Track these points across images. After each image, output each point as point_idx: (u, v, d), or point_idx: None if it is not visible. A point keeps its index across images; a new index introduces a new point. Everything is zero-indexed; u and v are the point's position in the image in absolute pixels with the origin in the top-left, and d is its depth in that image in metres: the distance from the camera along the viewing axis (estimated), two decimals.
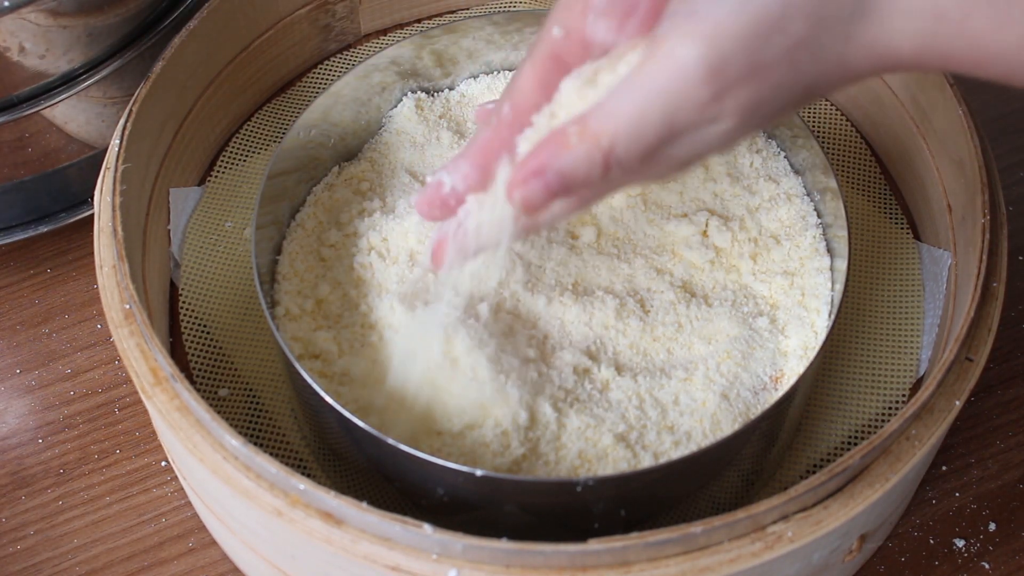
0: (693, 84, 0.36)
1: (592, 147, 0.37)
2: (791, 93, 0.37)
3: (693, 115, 0.36)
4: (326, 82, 0.67)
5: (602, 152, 0.37)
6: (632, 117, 0.36)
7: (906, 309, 0.58)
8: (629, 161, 0.37)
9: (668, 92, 0.36)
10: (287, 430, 0.54)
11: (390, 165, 0.59)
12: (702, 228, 0.55)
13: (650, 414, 0.49)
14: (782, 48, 0.36)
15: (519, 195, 0.38)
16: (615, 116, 0.37)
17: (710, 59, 0.35)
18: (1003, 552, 0.55)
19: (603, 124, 0.37)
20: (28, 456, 0.58)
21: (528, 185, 0.38)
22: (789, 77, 0.37)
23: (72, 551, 0.55)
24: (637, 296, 0.53)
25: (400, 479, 0.48)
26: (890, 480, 0.45)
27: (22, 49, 0.55)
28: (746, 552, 0.43)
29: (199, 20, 0.59)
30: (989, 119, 0.71)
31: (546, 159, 0.38)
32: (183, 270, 0.58)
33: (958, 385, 0.48)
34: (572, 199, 0.40)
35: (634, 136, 0.37)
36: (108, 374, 0.61)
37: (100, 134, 0.61)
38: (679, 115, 0.36)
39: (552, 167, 0.38)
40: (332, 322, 0.53)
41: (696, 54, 0.35)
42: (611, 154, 0.37)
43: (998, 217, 0.53)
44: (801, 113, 0.65)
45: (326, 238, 0.56)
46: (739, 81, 0.36)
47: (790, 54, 0.36)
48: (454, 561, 0.42)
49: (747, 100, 0.36)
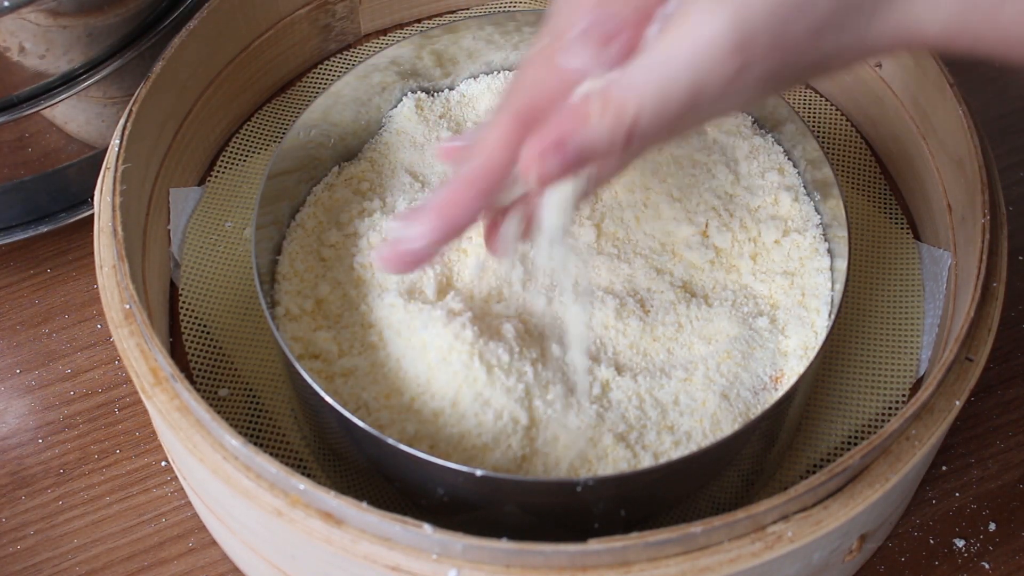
0: (720, 58, 0.35)
1: (615, 121, 0.36)
2: (809, 66, 0.37)
3: (717, 88, 0.36)
4: (326, 82, 0.67)
5: (625, 127, 0.36)
6: (657, 90, 0.36)
7: (906, 309, 0.58)
8: (651, 134, 0.37)
9: (694, 65, 0.36)
10: (287, 430, 0.54)
11: (390, 165, 0.59)
12: (702, 228, 0.55)
13: (650, 414, 0.49)
14: (807, 26, 0.36)
15: (536, 171, 0.37)
16: (639, 88, 0.36)
17: (738, 33, 0.35)
18: (1003, 552, 0.55)
19: (627, 97, 0.36)
20: (28, 456, 0.58)
21: (546, 160, 0.37)
22: (810, 53, 0.37)
23: (72, 551, 0.55)
24: (637, 296, 0.53)
25: (400, 479, 0.48)
26: (890, 480, 0.45)
27: (22, 49, 0.55)
28: (746, 552, 0.43)
29: (199, 20, 0.59)
30: (989, 119, 0.71)
31: (566, 133, 0.37)
32: (183, 270, 0.58)
33: (958, 385, 0.48)
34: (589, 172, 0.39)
35: (659, 110, 0.36)
36: (108, 374, 0.61)
37: (100, 134, 0.61)
38: (704, 88, 0.36)
39: (572, 142, 0.37)
40: (332, 322, 0.53)
41: (724, 28, 0.35)
42: (635, 127, 0.36)
43: (998, 217, 0.53)
44: (801, 113, 0.65)
45: (326, 238, 0.56)
46: (763, 56, 0.36)
47: (814, 32, 0.36)
48: (454, 561, 0.42)
49: (767, 73, 0.36)
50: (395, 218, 0.42)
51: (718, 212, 0.56)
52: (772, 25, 0.35)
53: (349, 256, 0.55)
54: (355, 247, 0.55)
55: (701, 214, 0.56)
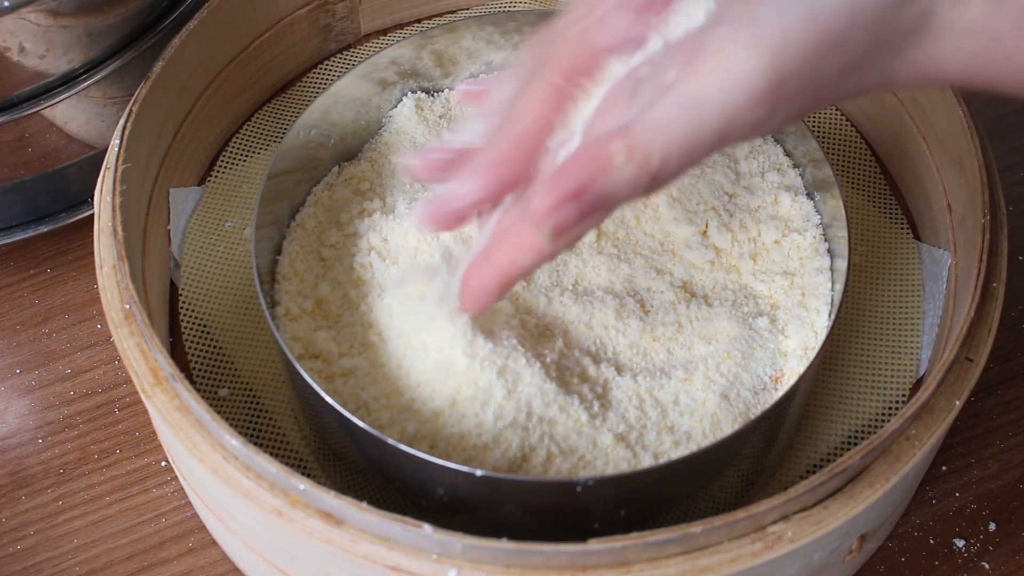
0: (752, 101, 0.34)
1: (640, 168, 0.34)
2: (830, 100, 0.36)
3: (745, 129, 0.35)
4: (326, 82, 0.67)
5: (651, 172, 0.34)
6: (686, 134, 0.34)
7: (906, 309, 0.58)
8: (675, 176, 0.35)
9: (725, 107, 0.34)
10: (287, 430, 0.54)
11: (390, 165, 0.59)
12: (702, 228, 0.55)
13: (650, 414, 0.49)
14: (839, 65, 0.34)
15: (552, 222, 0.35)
16: (666, 132, 0.34)
17: (772, 75, 0.33)
18: (1003, 552, 0.55)
19: (653, 140, 0.34)
20: (28, 456, 0.58)
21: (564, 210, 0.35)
22: (835, 90, 0.35)
23: (72, 551, 0.55)
24: (637, 296, 0.53)
25: (400, 479, 0.48)
26: (890, 480, 0.45)
27: (22, 49, 0.55)
28: (746, 552, 0.43)
29: (199, 20, 0.59)
30: (989, 119, 0.71)
31: (587, 181, 0.34)
32: (183, 270, 0.58)
33: (958, 385, 0.48)
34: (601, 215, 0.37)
35: (686, 154, 0.34)
36: (108, 374, 0.61)
37: (100, 134, 0.61)
38: (733, 130, 0.34)
39: (593, 191, 0.34)
40: (332, 322, 0.53)
41: (759, 69, 0.33)
42: (660, 172, 0.34)
43: (998, 217, 0.53)
44: None
45: (326, 238, 0.56)
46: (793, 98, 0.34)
47: (844, 71, 0.35)
48: (454, 561, 0.42)
49: (794, 112, 0.35)
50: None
51: (718, 212, 0.56)
52: (808, 64, 0.34)
53: (349, 256, 0.55)
54: (355, 247, 0.55)
55: (701, 214, 0.56)
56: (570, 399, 0.48)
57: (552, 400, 0.48)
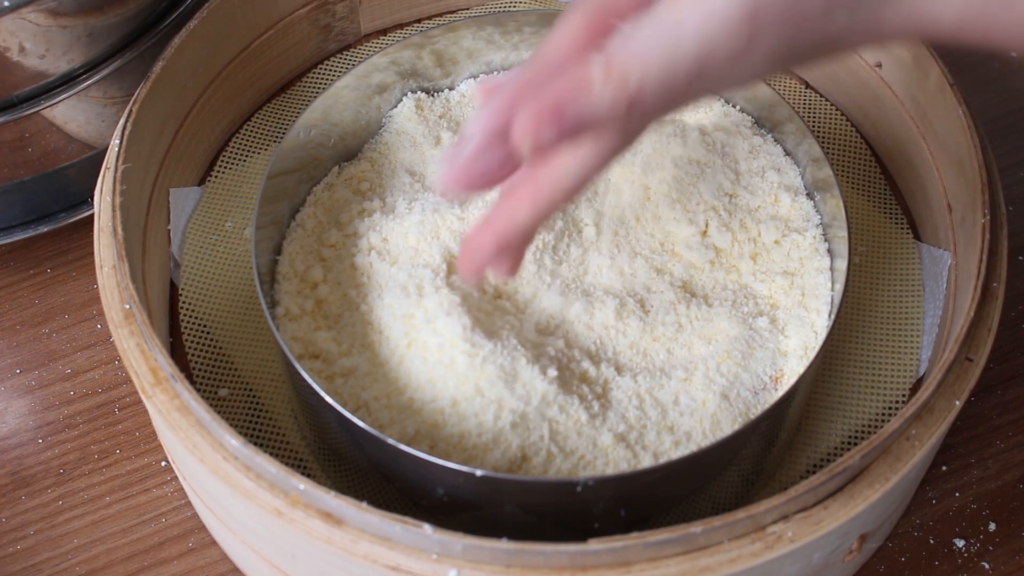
0: (730, 28, 0.34)
1: (618, 90, 0.35)
2: (819, 44, 0.36)
3: (725, 59, 0.35)
4: (326, 82, 0.67)
5: (629, 95, 0.35)
6: (664, 59, 0.34)
7: (906, 309, 0.58)
8: (655, 104, 0.35)
9: (703, 34, 0.34)
10: (287, 430, 0.54)
11: (390, 165, 0.59)
12: (702, 228, 0.55)
13: (650, 414, 0.49)
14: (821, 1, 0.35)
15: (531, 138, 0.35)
16: (644, 56, 0.35)
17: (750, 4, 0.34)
18: (1003, 552, 0.55)
19: (631, 64, 0.35)
20: (28, 456, 0.58)
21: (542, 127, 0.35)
22: (821, 30, 0.35)
23: (72, 551, 0.55)
24: (637, 296, 0.53)
25: (400, 479, 0.48)
26: (890, 480, 0.45)
27: (22, 49, 0.55)
28: (746, 552, 0.43)
29: (199, 20, 0.59)
30: (989, 119, 0.71)
31: (565, 99, 0.35)
32: (183, 270, 0.58)
33: (958, 385, 0.48)
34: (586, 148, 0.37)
35: (664, 79, 0.35)
36: (108, 374, 0.61)
37: (100, 134, 0.61)
38: (712, 59, 0.35)
39: (571, 109, 0.35)
40: (332, 322, 0.53)
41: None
42: (638, 96, 0.35)
43: (998, 217, 0.53)
44: (801, 113, 0.65)
45: (326, 238, 0.56)
46: (773, 29, 0.35)
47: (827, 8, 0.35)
48: (454, 561, 0.42)
49: (776, 47, 0.35)
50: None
51: (718, 212, 0.56)
52: None
53: (349, 256, 0.55)
54: (355, 247, 0.55)
55: (701, 214, 0.56)
56: (570, 399, 0.48)
57: (552, 400, 0.48)
